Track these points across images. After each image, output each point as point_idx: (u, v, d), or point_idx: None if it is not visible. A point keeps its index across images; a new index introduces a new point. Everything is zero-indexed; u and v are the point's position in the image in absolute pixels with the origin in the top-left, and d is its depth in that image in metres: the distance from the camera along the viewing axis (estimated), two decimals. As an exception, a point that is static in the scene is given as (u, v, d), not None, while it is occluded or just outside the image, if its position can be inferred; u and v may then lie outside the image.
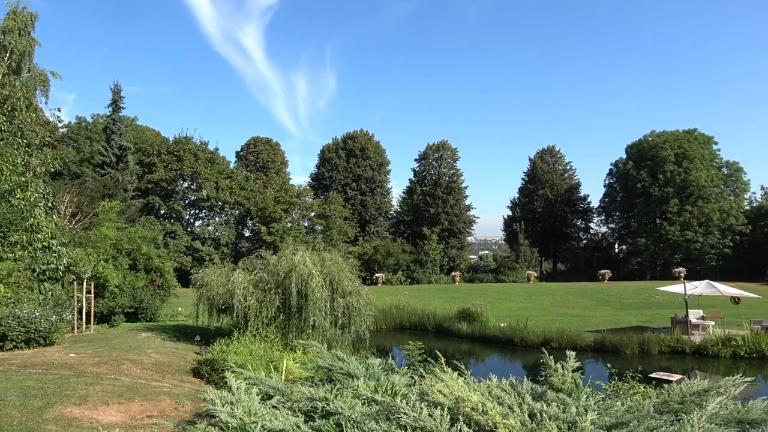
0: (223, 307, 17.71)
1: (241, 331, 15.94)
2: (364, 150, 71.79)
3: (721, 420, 2.77)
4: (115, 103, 50.43)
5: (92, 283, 20.66)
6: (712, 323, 23.84)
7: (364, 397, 3.86)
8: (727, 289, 25.56)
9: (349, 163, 71.09)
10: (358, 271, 19.94)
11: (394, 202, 77.43)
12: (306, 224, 61.77)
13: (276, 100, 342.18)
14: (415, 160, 75.22)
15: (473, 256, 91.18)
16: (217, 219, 60.43)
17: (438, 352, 5.02)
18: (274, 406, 4.55)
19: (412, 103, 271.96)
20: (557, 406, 3.15)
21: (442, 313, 29.69)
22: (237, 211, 61.01)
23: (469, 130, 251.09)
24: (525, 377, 3.95)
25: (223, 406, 4.15)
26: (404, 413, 3.11)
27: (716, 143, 64.64)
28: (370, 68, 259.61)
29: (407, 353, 15.62)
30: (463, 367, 4.23)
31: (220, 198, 58.58)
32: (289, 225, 58.32)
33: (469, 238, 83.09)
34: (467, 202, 73.58)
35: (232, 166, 65.03)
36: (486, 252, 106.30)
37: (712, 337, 22.01)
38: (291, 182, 72.30)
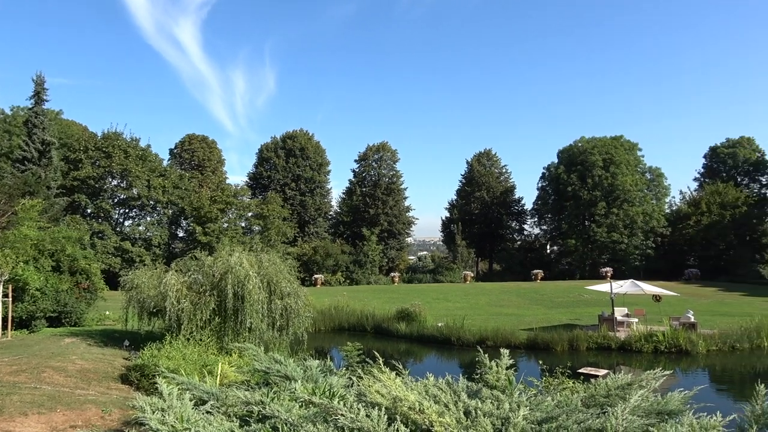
0: (154, 310, 17.08)
1: (174, 334, 15.41)
2: (304, 150, 71.11)
3: (643, 412, 2.92)
4: (38, 95, 47.43)
5: (10, 286, 19.40)
6: (636, 320, 25.16)
7: (302, 399, 3.82)
8: (649, 288, 27.06)
9: (289, 162, 70.20)
10: (296, 272, 19.73)
11: (334, 203, 77.19)
12: (243, 224, 60.42)
13: (213, 97, 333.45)
14: (355, 161, 75.29)
15: (412, 257, 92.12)
16: (148, 219, 58.10)
17: (376, 353, 5.04)
18: (208, 412, 4.42)
19: (353, 105, 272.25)
20: (491, 403, 3.22)
21: (381, 313, 29.85)
22: (170, 211, 58.89)
23: (409, 132, 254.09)
24: (461, 375, 4.02)
25: (154, 413, 3.99)
26: (342, 414, 3.10)
27: (640, 150, 68.35)
28: (311, 68, 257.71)
29: (346, 354, 15.59)
30: (400, 367, 4.26)
31: (152, 197, 56.35)
32: (226, 225, 56.87)
33: (409, 239, 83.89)
34: (407, 204, 74.35)
35: (165, 163, 62.68)
36: (425, 253, 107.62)
37: (635, 333, 23.22)
38: (228, 181, 70.59)
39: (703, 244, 61.78)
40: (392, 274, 62.80)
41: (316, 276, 57.38)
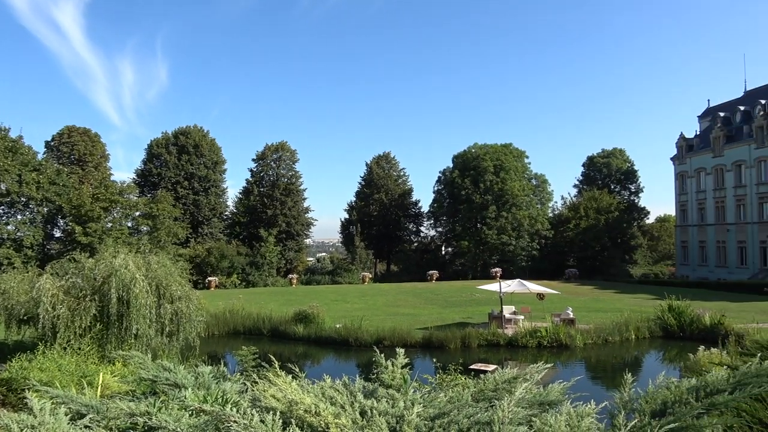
0: (25, 317, 15.57)
1: (49, 344, 14.14)
2: (198, 147, 68.13)
3: (527, 403, 3.10)
4: None
5: None
6: (522, 317, 26.70)
7: (192, 407, 3.65)
8: (534, 287, 28.86)
9: (181, 160, 66.89)
10: (188, 274, 18.87)
11: (230, 203, 74.71)
12: (130, 225, 56.68)
13: (97, 86, 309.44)
14: (253, 160, 73.35)
15: (311, 259, 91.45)
16: (19, 217, 52.75)
17: (272, 356, 4.94)
18: (86, 426, 4.10)
19: (251, 102, 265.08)
20: (387, 401, 3.27)
21: (278, 316, 29.33)
22: (45, 209, 53.91)
23: (309, 132, 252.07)
24: (357, 376, 4.04)
25: (22, 431, 3.63)
26: (234, 421, 3.00)
27: (527, 157, 72.84)
28: (206, 61, 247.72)
29: (240, 359, 15.13)
30: (297, 369, 4.20)
31: (24, 193, 51.25)
32: (110, 225, 53.04)
33: (307, 241, 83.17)
34: (306, 204, 73.69)
35: (40, 157, 57.28)
36: (324, 254, 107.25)
37: (521, 330, 24.63)
38: (113, 178, 65.84)
39: (581, 246, 67.05)
40: (290, 275, 61.94)
41: (210, 278, 55.22)
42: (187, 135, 68.40)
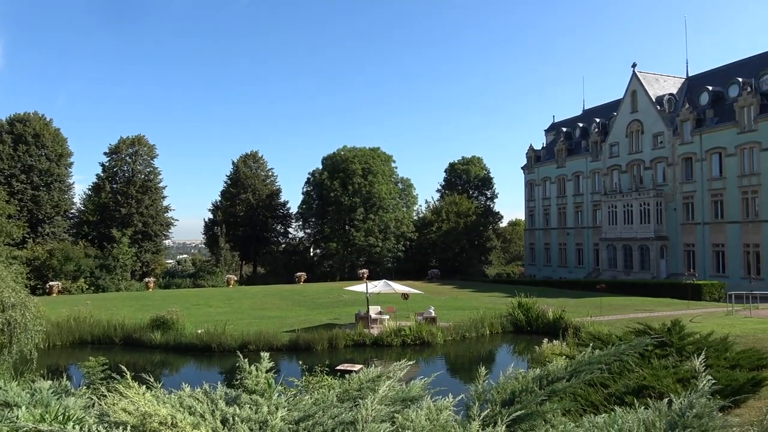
0: None
1: None
2: (39, 137, 61.09)
3: (390, 400, 3.18)
4: None
5: None
6: (387, 317, 27.45)
7: (26, 428, 3.25)
8: (399, 287, 29.81)
9: (17, 150, 59.46)
10: (25, 279, 16.86)
11: (77, 200, 68.09)
12: (-49, 223, 49.30)
13: None
14: (105, 153, 67.34)
15: (171, 261, 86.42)
16: None
17: (124, 367, 4.56)
18: None
19: (104, 92, 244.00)
20: (250, 407, 3.18)
21: (133, 322, 27.21)
22: None
23: (170, 127, 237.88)
24: (219, 383, 3.88)
25: None
26: (77, 440, 2.73)
27: (394, 161, 75.24)
28: (52, 42, 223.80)
29: (87, 371, 13.81)
30: (152, 379, 3.93)
31: None
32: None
33: (167, 242, 78.49)
34: (165, 203, 69.41)
35: None
36: (185, 256, 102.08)
37: (387, 329, 25.31)
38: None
39: (443, 248, 70.65)
40: (147, 279, 57.84)
41: (51, 283, 49.80)
42: (25, 123, 61.02)
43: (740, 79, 45.73)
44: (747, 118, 44.25)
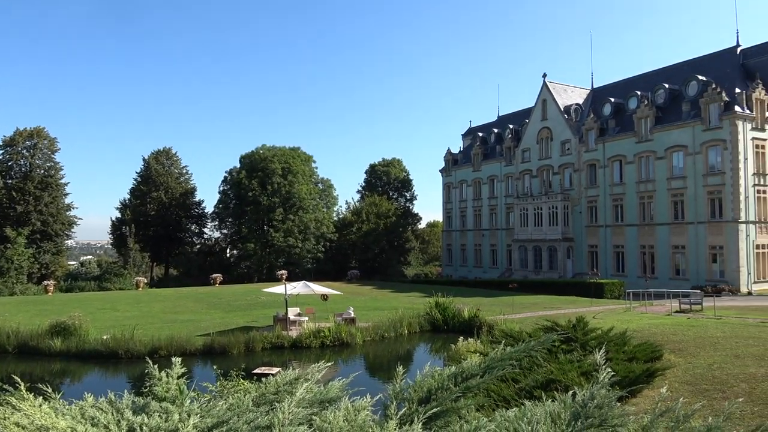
0: None
1: None
2: None
3: (307, 403, 3.15)
4: None
5: None
6: (306, 318, 27.20)
7: None
8: (318, 288, 29.62)
9: None
10: None
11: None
12: None
13: None
14: (-1, 146, 62.17)
15: (73, 263, 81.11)
16: None
17: (18, 377, 4.22)
18: None
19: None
20: (159, 416, 3.03)
21: (29, 329, 25.20)
22: None
23: (74, 119, 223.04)
24: (126, 391, 3.68)
25: None
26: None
27: (315, 162, 74.79)
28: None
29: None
30: (50, 390, 3.65)
31: None
32: None
33: (69, 242, 73.53)
34: (67, 201, 65.00)
35: None
36: (89, 257, 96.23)
37: (306, 331, 25.08)
38: None
39: (363, 248, 71.02)
40: (46, 282, 53.79)
41: (-67, 288, 45.21)
42: None
43: (639, 93, 49.40)
44: (644, 129, 47.86)
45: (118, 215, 71.35)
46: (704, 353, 16.20)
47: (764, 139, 42.74)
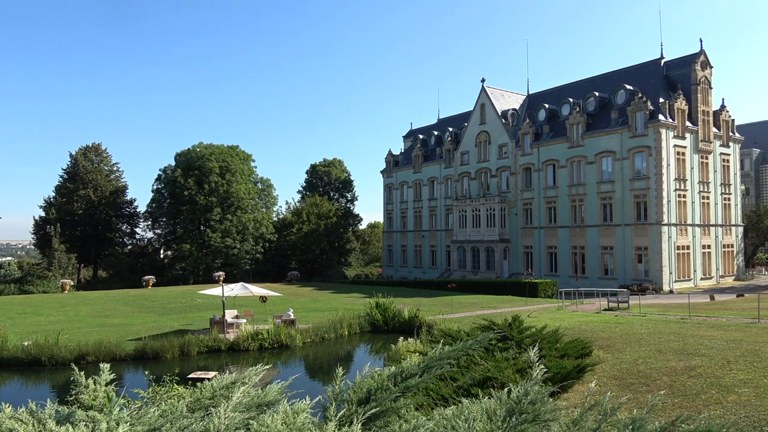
0: None
1: None
2: None
3: (244, 407, 3.08)
4: None
5: None
6: (244, 321, 26.66)
7: None
8: (257, 290, 29.08)
9: None
10: None
11: None
12: None
13: None
14: None
15: (-9, 264, 75.91)
16: None
17: (-75, 388, 3.91)
18: None
19: None
20: (86, 425, 2.88)
21: (-61, 336, 23.39)
22: None
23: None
24: (50, 400, 3.48)
25: None
26: None
27: (254, 161, 73.40)
28: None
29: None
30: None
31: None
32: None
33: (-14, 243, 68.85)
34: (-15, 199, 60.82)
35: None
36: (9, 259, 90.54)
37: (244, 333, 24.56)
38: None
39: (303, 249, 70.35)
40: (-40, 285, 50.21)
41: None
42: None
43: (571, 100, 51.53)
44: (576, 135, 49.93)
45: (42, 214, 67.47)
46: (630, 349, 17.06)
47: (685, 147, 45.58)
